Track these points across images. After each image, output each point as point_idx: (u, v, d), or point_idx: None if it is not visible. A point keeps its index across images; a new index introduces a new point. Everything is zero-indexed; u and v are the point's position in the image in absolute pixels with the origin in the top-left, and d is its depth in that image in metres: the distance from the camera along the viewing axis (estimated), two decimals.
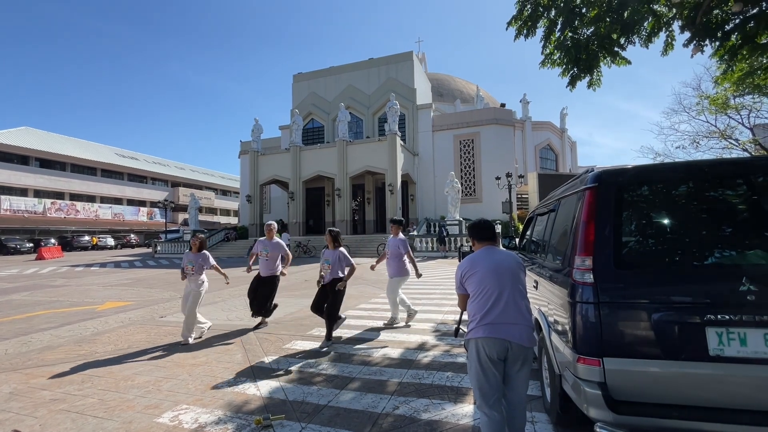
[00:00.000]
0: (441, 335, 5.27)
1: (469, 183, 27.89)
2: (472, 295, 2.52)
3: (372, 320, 6.21)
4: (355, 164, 24.93)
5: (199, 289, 5.44)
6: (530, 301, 3.62)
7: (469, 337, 2.48)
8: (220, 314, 7.15)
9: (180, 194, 52.58)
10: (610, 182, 2.43)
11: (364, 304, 7.67)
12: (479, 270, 2.50)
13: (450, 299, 7.75)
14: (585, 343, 2.23)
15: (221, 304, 8.16)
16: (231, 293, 9.74)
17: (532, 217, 4.40)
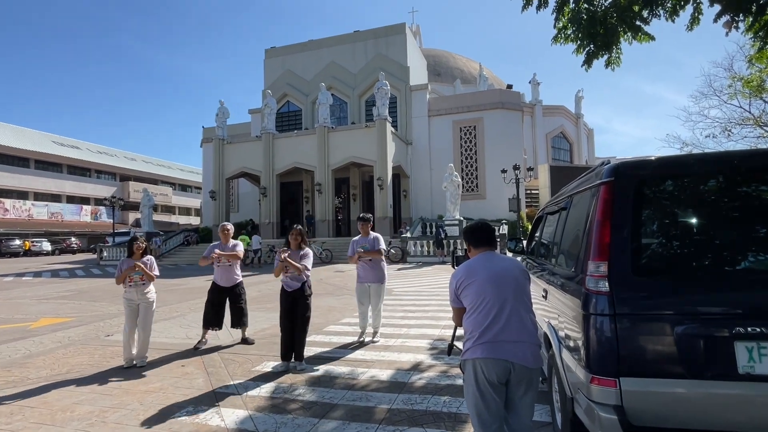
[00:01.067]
0: (438, 354, 5.29)
1: (471, 177, 28.06)
2: (468, 309, 2.51)
3: (357, 336, 6.21)
4: (339, 154, 24.90)
5: (149, 300, 5.38)
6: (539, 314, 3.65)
7: (465, 357, 2.47)
8: (177, 331, 7.08)
9: (131, 190, 51.84)
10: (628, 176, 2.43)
11: (349, 318, 7.67)
12: (477, 279, 2.49)
13: (449, 312, 7.79)
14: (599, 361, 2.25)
15: (179, 320, 8.07)
16: (191, 306, 9.63)
17: (542, 216, 4.43)
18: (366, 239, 5.99)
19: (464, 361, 2.48)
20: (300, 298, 5.02)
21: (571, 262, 2.77)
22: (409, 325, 7.01)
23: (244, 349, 5.82)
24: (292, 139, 26.24)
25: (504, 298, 2.46)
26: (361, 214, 6.15)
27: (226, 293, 6.06)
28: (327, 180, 24.93)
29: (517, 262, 2.67)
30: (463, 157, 28.23)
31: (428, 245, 21.10)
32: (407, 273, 15.83)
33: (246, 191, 33.51)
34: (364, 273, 5.96)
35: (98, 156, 52.68)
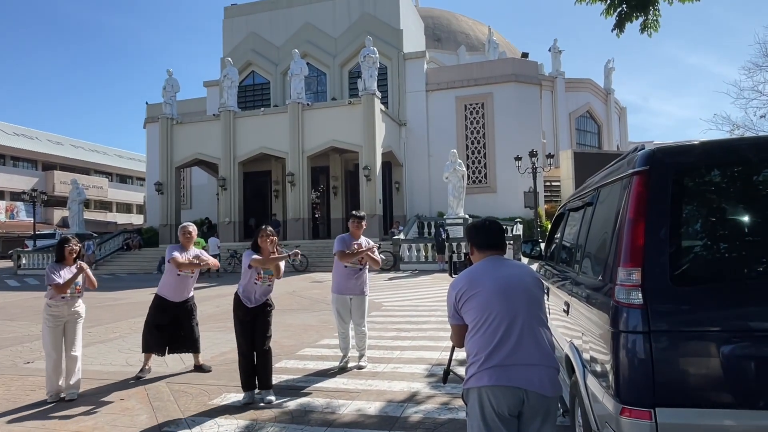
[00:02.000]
0: (437, 382, 5.32)
1: (479, 165, 28.23)
2: (471, 327, 2.51)
3: (338, 361, 6.22)
4: (316, 138, 24.89)
5: (79, 316, 5.32)
6: (559, 333, 3.66)
7: (469, 386, 2.47)
8: (115, 357, 7.03)
9: (56, 181, 51.21)
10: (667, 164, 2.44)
11: (329, 339, 7.67)
12: (482, 290, 2.49)
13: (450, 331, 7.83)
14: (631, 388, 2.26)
15: (117, 343, 8.00)
16: (132, 326, 9.56)
17: (563, 213, 4.46)
18: (358, 243, 5.98)
19: (468, 390, 2.49)
20: (262, 314, 5.02)
21: (598, 269, 2.79)
22: (402, 347, 7.04)
23: (198, 378, 5.80)
24: (258, 119, 26.14)
25: (514, 313, 2.46)
26: (354, 212, 6.16)
27: (174, 310, 6.01)
28: (302, 169, 24.89)
29: (529, 269, 2.68)
30: (468, 142, 28.36)
31: (426, 249, 21.16)
32: (400, 283, 15.87)
33: (201, 183, 33.29)
34: (344, 282, 5.94)
35: (15, 139, 51.89)
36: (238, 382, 5.16)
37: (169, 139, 27.18)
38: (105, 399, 5.17)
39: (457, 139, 28.22)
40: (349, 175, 29.14)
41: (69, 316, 5.22)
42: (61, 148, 56.88)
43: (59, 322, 5.18)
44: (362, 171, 23.73)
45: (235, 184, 26.02)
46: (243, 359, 4.98)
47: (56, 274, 5.17)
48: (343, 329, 6.03)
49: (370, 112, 23.82)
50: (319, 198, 30.89)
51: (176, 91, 27.99)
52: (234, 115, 26.15)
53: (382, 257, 21.33)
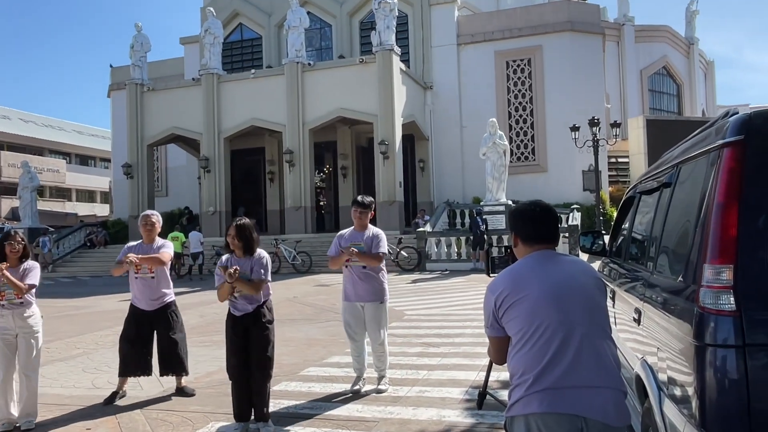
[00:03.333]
0: (475, 408, 5.34)
1: (525, 138, 28.08)
2: (516, 340, 2.50)
3: (350, 383, 6.27)
4: (320, 106, 24.97)
5: (33, 329, 5.37)
6: (628, 347, 3.64)
7: (514, 413, 2.47)
8: (79, 378, 7.18)
9: (3, 163, 52.21)
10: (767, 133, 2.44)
11: (339, 356, 7.73)
12: (529, 294, 2.48)
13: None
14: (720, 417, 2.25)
15: (81, 361, 8.17)
16: (98, 339, 9.74)
17: (633, 197, 4.43)
18: (360, 235, 6.00)
19: (512, 419, 2.49)
20: (255, 326, 5.03)
21: (677, 268, 2.77)
22: (430, 366, 7.07)
23: (180, 404, 5.90)
24: (247, 84, 26.27)
25: (571, 323, 2.45)
26: (358, 197, 6.15)
27: (150, 320, 6.10)
28: (302, 146, 25.01)
29: (589, 267, 2.66)
30: (511, 108, 28.18)
31: (458, 244, 21.13)
32: (427, 287, 15.90)
33: (179, 165, 33.67)
34: (352, 287, 5.97)
35: None
36: (227, 408, 5.24)
37: (139, 110, 27.49)
38: (67, 429, 5.28)
39: (496, 105, 28.04)
40: (361, 153, 29.14)
41: (19, 329, 5.29)
42: (8, 123, 57.88)
43: (7, 334, 5.25)
44: (378, 147, 23.74)
45: (220, 165, 26.27)
46: (236, 383, 5.03)
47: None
48: (355, 345, 6.07)
49: (387, 72, 23.77)
50: (324, 181, 31.00)
51: (147, 50, 28.26)
52: (218, 79, 26.32)
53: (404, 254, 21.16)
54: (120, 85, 32.27)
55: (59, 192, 59.02)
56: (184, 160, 32.92)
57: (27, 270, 5.39)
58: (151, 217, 6.20)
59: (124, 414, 5.63)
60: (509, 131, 27.62)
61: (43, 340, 5.54)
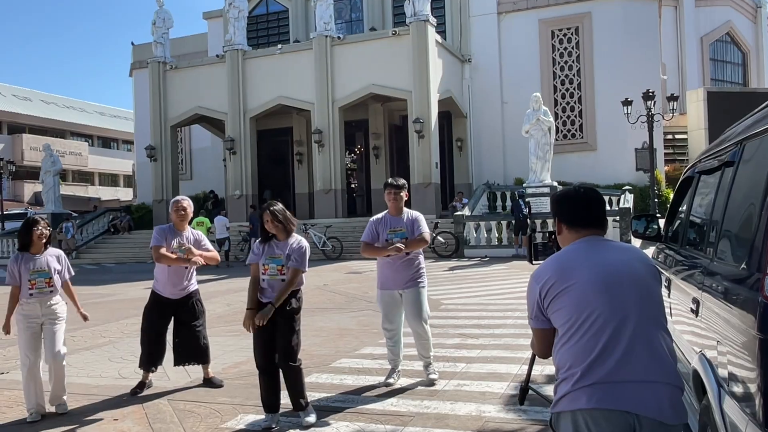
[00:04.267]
0: (517, 403, 5.33)
1: (572, 114, 27.72)
2: (563, 331, 2.50)
3: (383, 375, 6.32)
4: (351, 82, 24.98)
5: (59, 315, 5.63)
6: (684, 340, 3.60)
7: (560, 409, 2.46)
8: (105, 367, 7.38)
9: (25, 147, 53.58)
10: None
11: (372, 347, 7.79)
12: (576, 282, 2.46)
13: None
14: None
15: (107, 350, 8.40)
16: (124, 328, 9.99)
17: (692, 177, 4.35)
18: (398, 220, 6.02)
19: (558, 415, 2.49)
20: (280, 315, 5.08)
21: (740, 254, 2.72)
22: (468, 358, 7.07)
23: (208, 395, 6.02)
24: (274, 60, 26.39)
25: (622, 312, 2.43)
26: (390, 179, 6.16)
27: (174, 309, 6.22)
28: (332, 125, 25.07)
29: (641, 253, 2.64)
30: (557, 82, 27.80)
31: (499, 229, 21.00)
32: (465, 274, 15.87)
33: (203, 146, 34.11)
34: (390, 273, 5.99)
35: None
36: (256, 400, 5.33)
37: (162, 90, 27.87)
38: (93, 419, 5.45)
39: (541, 79, 27.68)
40: (394, 132, 29.08)
41: (45, 317, 5.53)
42: (29, 105, 59.26)
43: (33, 323, 5.49)
44: (412, 125, 23.65)
45: (246, 146, 26.52)
46: (262, 374, 5.12)
47: (11, 273, 5.48)
48: (391, 334, 6.10)
49: (422, 45, 23.61)
50: (355, 162, 31.03)
51: (169, 26, 28.57)
52: (243, 56, 26.50)
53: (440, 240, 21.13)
54: (142, 63, 32.73)
55: (82, 176, 60.39)
56: (208, 141, 33.34)
57: (60, 259, 5.71)
58: (182, 202, 6.27)
59: (151, 404, 5.78)
60: (555, 107, 27.25)
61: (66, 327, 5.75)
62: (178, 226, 6.23)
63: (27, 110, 57.50)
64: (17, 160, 48.99)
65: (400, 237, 5.91)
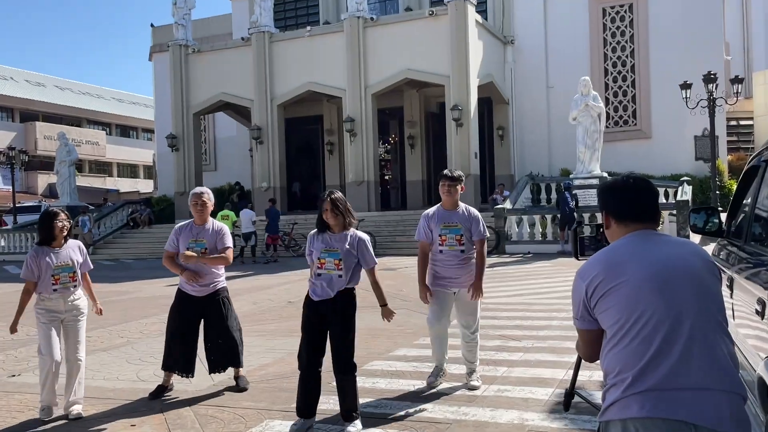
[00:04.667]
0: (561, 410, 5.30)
1: (624, 99, 27.40)
2: (612, 333, 2.47)
3: (423, 378, 6.32)
4: (385, 67, 25.01)
5: (81, 311, 5.76)
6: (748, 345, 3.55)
7: (608, 417, 2.44)
8: (122, 369, 7.51)
9: (39, 135, 54.75)
10: None
11: (405, 349, 7.80)
12: (627, 280, 2.43)
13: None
14: None
15: (125, 351, 8.55)
16: (143, 328, 10.15)
17: (757, 166, 4.28)
18: (452, 215, 6.03)
19: (607, 424, 2.46)
20: (335, 313, 5.10)
21: None
22: (510, 362, 7.05)
23: (232, 400, 6.08)
24: (303, 43, 26.53)
25: (678, 313, 2.40)
26: (445, 170, 6.19)
27: (200, 307, 6.28)
28: (365, 113, 25.13)
29: (698, 248, 2.60)
30: (608, 64, 27.48)
31: (543, 223, 20.86)
32: (506, 272, 15.81)
33: (228, 136, 34.48)
34: (446, 271, 6.01)
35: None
36: (283, 405, 5.38)
37: (184, 75, 28.23)
38: (110, 424, 5.53)
39: (590, 61, 27.39)
40: (431, 120, 29.02)
41: (67, 312, 5.67)
42: (43, 91, 60.37)
43: (54, 318, 5.63)
44: (450, 112, 23.60)
45: (273, 135, 26.73)
46: (303, 375, 5.13)
47: (29, 265, 5.61)
48: (438, 332, 6.10)
49: (461, 26, 23.51)
50: (389, 153, 31.06)
51: (191, 7, 28.88)
52: (270, 38, 26.68)
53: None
54: (162, 46, 33.15)
55: (99, 166, 61.41)
56: (233, 130, 33.67)
57: (81, 250, 5.89)
58: (202, 195, 6.29)
59: (171, 410, 5.84)
60: (605, 91, 26.98)
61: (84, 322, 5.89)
62: (196, 220, 6.30)
63: (40, 96, 58.51)
64: (30, 149, 49.95)
65: (455, 233, 5.95)
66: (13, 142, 48.65)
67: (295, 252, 22.47)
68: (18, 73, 61.35)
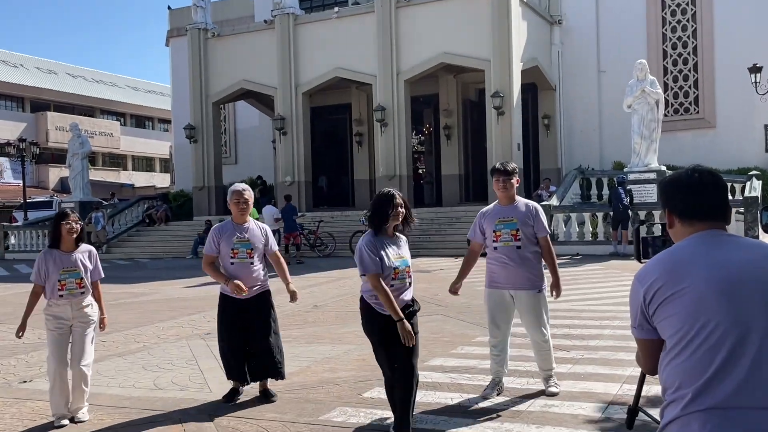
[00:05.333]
0: (616, 428, 5.27)
1: (685, 85, 27.05)
2: (672, 343, 2.44)
3: (461, 391, 6.30)
4: (418, 50, 24.96)
5: (89, 318, 5.89)
6: None
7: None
8: (139, 377, 7.58)
9: (50, 126, 55.61)
10: None
11: (441, 359, 7.80)
12: (690, 286, 2.39)
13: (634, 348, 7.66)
14: None
15: (141, 357, 8.64)
16: (161, 332, 10.24)
17: None
18: (509, 210, 6.00)
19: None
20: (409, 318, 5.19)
21: None
22: (558, 374, 6.95)
23: (255, 411, 6.10)
24: (330, 25, 26.61)
25: (747, 324, 2.35)
26: (498, 164, 6.14)
27: (245, 311, 6.27)
28: (397, 101, 25.13)
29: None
30: (667, 46, 27.17)
31: (594, 222, 20.66)
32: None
33: (249, 126, 34.72)
34: (503, 271, 5.97)
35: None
36: (309, 417, 5.39)
37: (203, 61, 28.49)
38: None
39: (648, 42, 27.09)
40: (469, 108, 28.91)
41: (75, 319, 5.80)
42: (54, 79, 61.31)
43: (62, 325, 5.78)
44: (491, 100, 23.50)
45: (298, 125, 26.86)
46: (390, 388, 5.24)
47: (38, 270, 5.76)
48: (496, 342, 6.09)
49: (502, 5, 23.37)
50: (423, 144, 30.99)
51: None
52: (295, 21, 26.81)
53: None
54: (180, 30, 33.48)
55: (113, 159, 62.20)
56: (255, 120, 33.93)
57: (91, 256, 5.96)
58: (244, 193, 6.36)
59: (191, 422, 5.87)
60: (664, 76, 26.66)
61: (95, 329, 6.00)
62: (237, 219, 6.37)
63: (52, 85, 59.35)
64: (41, 141, 50.65)
65: (511, 228, 5.94)
66: (24, 133, 49.34)
67: (322, 252, 22.55)
68: (28, 59, 62.29)
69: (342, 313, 11.34)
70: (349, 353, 8.23)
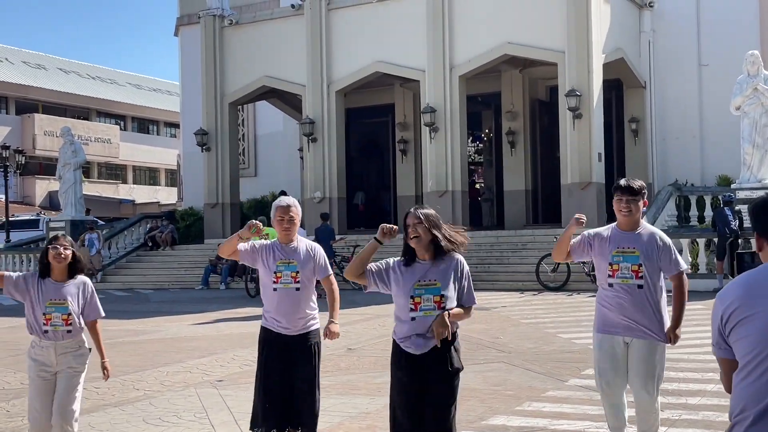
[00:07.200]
0: None
1: None
2: (741, 364, 2.66)
3: None
4: (477, 41, 25.03)
5: (76, 367, 5.84)
6: None
7: None
8: (142, 431, 7.64)
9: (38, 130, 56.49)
10: None
11: (504, 417, 7.74)
12: (764, 310, 2.59)
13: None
14: None
15: (142, 406, 8.69)
16: (164, 378, 10.30)
17: None
18: (630, 237, 5.83)
19: None
20: (437, 371, 5.14)
21: None
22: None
23: None
24: (369, 11, 26.77)
25: None
26: (623, 181, 5.94)
27: (289, 349, 6.18)
28: (450, 100, 25.13)
29: None
30: None
31: (695, 248, 20.45)
32: None
33: (272, 131, 34.98)
34: (615, 312, 5.78)
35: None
36: None
37: (218, 54, 28.81)
38: None
39: (761, 30, 26.83)
40: (538, 110, 28.85)
41: (60, 366, 5.77)
42: (43, 75, 62.36)
43: (45, 373, 5.77)
44: (565, 100, 23.45)
45: (331, 130, 26.98)
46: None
47: (22, 281, 5.81)
48: (610, 400, 5.98)
49: None
50: (482, 153, 30.89)
51: None
52: (328, 5, 27.00)
53: None
54: (191, 17, 33.97)
55: (111, 170, 62.92)
56: (279, 124, 34.20)
57: (86, 289, 5.93)
58: (290, 209, 6.25)
59: None
60: None
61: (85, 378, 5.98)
62: (282, 239, 6.33)
63: (40, 82, 60.19)
64: (27, 148, 51.02)
65: (631, 262, 5.74)
66: (7, 139, 49.48)
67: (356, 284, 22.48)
68: (14, 52, 63.35)
69: (381, 358, 11.29)
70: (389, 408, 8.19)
